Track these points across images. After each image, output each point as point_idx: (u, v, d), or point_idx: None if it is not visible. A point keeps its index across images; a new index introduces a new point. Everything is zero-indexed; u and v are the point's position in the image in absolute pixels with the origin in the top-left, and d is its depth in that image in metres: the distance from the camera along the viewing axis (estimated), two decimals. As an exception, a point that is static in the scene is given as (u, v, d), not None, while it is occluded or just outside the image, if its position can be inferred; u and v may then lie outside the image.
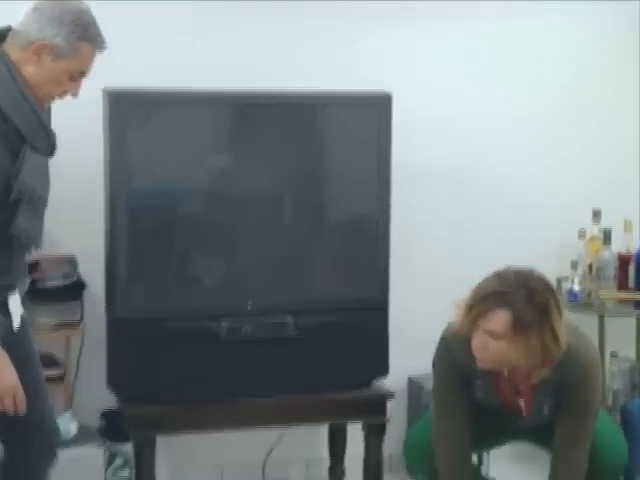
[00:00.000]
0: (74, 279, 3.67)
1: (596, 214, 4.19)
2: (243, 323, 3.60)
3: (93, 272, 3.72)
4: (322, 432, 4.22)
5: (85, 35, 2.50)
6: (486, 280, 2.83)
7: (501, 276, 2.80)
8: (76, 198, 3.74)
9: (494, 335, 2.72)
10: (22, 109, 2.48)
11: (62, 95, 2.63)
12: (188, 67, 3.81)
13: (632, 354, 4.40)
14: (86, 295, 3.73)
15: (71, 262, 3.73)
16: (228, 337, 3.58)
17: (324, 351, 3.68)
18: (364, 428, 3.82)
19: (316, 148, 3.82)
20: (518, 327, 2.67)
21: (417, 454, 3.33)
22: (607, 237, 4.17)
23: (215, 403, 3.61)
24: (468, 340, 2.85)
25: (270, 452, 4.13)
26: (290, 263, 3.73)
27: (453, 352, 3.03)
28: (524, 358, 2.74)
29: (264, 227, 3.69)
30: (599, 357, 3.20)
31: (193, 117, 3.65)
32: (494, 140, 4.36)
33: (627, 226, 4.19)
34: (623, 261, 4.16)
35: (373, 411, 3.80)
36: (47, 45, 2.45)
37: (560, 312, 2.78)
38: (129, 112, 3.49)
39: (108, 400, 3.69)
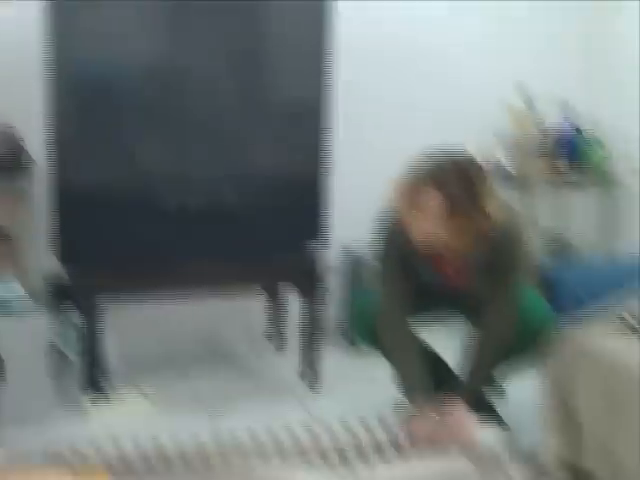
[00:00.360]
0: (15, 149, 3.66)
1: (525, 91, 4.27)
2: (185, 193, 3.63)
3: (36, 144, 3.67)
4: (261, 302, 4.33)
5: None
6: (418, 164, 2.88)
7: (432, 159, 2.87)
8: (16, 72, 3.74)
9: (429, 217, 2.80)
10: None
11: None
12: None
13: (555, 226, 4.53)
14: (30, 165, 3.72)
15: (11, 131, 3.71)
16: (170, 207, 3.60)
17: (264, 221, 3.73)
18: (302, 296, 3.89)
19: (258, 29, 3.76)
20: (451, 207, 2.75)
21: (362, 327, 3.50)
22: (535, 114, 4.28)
23: (160, 271, 3.63)
24: (404, 224, 2.93)
25: (214, 322, 4.25)
26: (231, 138, 3.73)
27: (390, 236, 3.12)
28: (459, 236, 2.82)
29: (207, 104, 3.66)
30: (525, 225, 3.30)
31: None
32: (431, 24, 4.38)
33: (556, 103, 4.29)
34: (549, 137, 4.30)
35: (311, 279, 3.87)
36: None
37: (490, 187, 2.86)
38: None
39: (53, 266, 3.70)
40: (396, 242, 3.08)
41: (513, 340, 3.13)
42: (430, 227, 2.82)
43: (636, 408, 2.71)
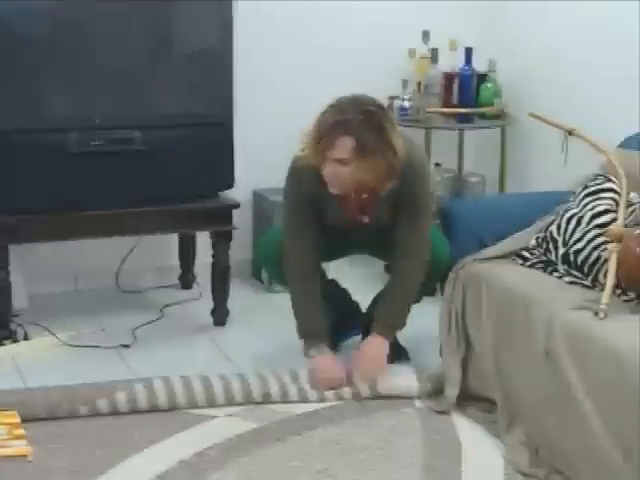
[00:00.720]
0: None
1: (425, 34, 4.28)
2: (92, 137, 3.60)
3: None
4: (172, 241, 4.34)
5: None
6: (326, 112, 2.96)
7: (339, 106, 2.93)
8: None
9: (342, 162, 2.89)
10: None
11: None
12: None
13: (454, 165, 4.60)
14: None
15: None
16: (78, 150, 3.57)
17: (172, 164, 3.72)
18: (212, 236, 3.92)
19: None
20: (362, 150, 2.85)
21: (269, 263, 3.61)
22: (435, 56, 4.29)
23: (67, 214, 3.62)
24: (315, 169, 3.01)
25: (123, 261, 4.22)
26: (138, 81, 3.72)
27: (302, 182, 3.16)
28: (372, 176, 2.93)
29: (114, 47, 3.63)
30: (428, 160, 3.46)
31: None
32: None
33: (452, 45, 4.29)
34: (448, 79, 4.29)
35: (220, 220, 3.90)
36: None
37: (395, 128, 2.98)
38: None
39: None
40: (305, 184, 3.14)
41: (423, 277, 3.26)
42: (344, 171, 2.92)
43: (523, 331, 2.84)
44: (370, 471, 2.70)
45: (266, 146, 4.27)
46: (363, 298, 3.68)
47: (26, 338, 3.65)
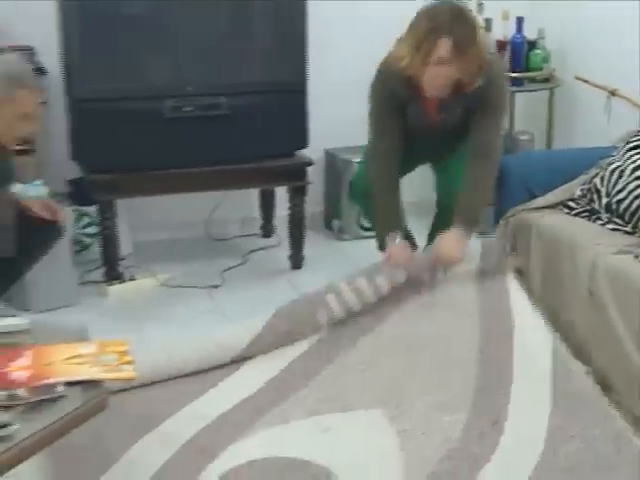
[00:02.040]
0: (35, 66, 3.57)
1: (480, 6, 4.24)
2: (184, 103, 3.67)
3: (51, 60, 3.71)
4: (254, 196, 4.42)
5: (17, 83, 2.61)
6: (418, 20, 2.88)
7: (430, 12, 2.86)
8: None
9: (444, 62, 2.81)
10: None
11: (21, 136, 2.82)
12: None
13: (506, 124, 4.45)
14: (46, 80, 3.71)
15: (31, 52, 3.71)
16: (172, 115, 3.65)
17: (253, 127, 3.76)
18: (289, 191, 4.00)
19: None
20: (460, 47, 2.78)
21: (357, 194, 3.53)
22: (488, 25, 4.26)
23: (164, 172, 3.71)
24: (401, 73, 2.94)
25: (212, 213, 4.29)
26: (224, 53, 3.77)
27: (388, 82, 3.07)
28: (468, 73, 2.87)
29: (201, 22, 3.69)
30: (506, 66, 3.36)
31: None
32: None
33: (504, 15, 4.28)
34: (501, 46, 4.27)
35: (296, 176, 3.97)
36: None
37: (481, 29, 2.99)
38: None
39: (72, 171, 3.82)
40: (391, 87, 3.06)
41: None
42: (445, 71, 2.85)
43: (569, 273, 2.90)
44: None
45: (336, 109, 4.28)
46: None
47: (132, 279, 3.78)
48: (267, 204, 4.39)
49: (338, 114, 4.29)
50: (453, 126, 3.16)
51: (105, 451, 2.46)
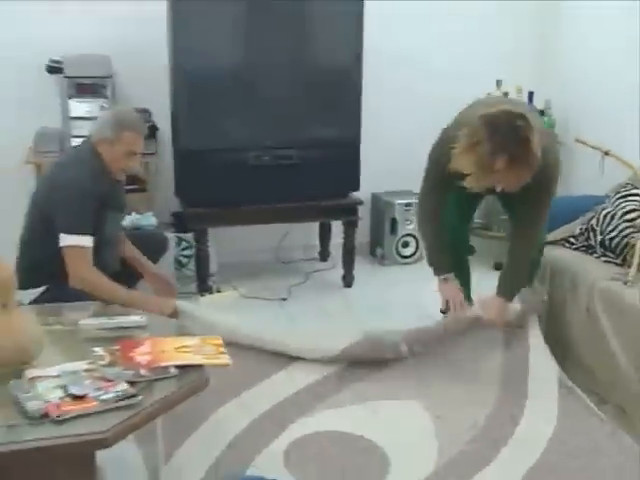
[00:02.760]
0: (149, 124, 3.74)
1: (498, 82, 4.30)
2: (264, 154, 3.78)
3: (162, 120, 3.84)
4: (315, 227, 4.47)
5: (123, 126, 2.72)
6: (478, 133, 2.43)
7: (490, 128, 2.41)
8: (147, 72, 3.83)
9: (501, 172, 2.43)
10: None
11: (127, 170, 2.86)
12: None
13: None
14: (158, 135, 3.87)
15: (147, 113, 3.84)
16: (254, 163, 3.76)
17: (316, 174, 3.85)
18: (343, 224, 4.06)
19: (309, 37, 3.87)
20: (513, 164, 2.41)
21: None
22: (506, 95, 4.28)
23: (245, 207, 3.82)
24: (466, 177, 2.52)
25: (281, 240, 4.39)
26: (294, 115, 3.85)
27: (445, 156, 2.60)
28: (517, 181, 2.50)
29: (277, 92, 3.80)
30: (560, 158, 2.85)
31: (232, 14, 3.71)
32: (436, 28, 4.39)
33: (518, 90, 4.27)
34: None
35: (349, 213, 4.04)
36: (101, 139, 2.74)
37: (536, 133, 2.45)
38: (186, 10, 3.55)
39: (175, 205, 3.91)
40: (447, 159, 2.57)
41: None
42: (495, 178, 2.49)
43: (571, 295, 2.99)
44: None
45: (382, 162, 4.34)
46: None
47: (218, 291, 3.84)
48: (325, 234, 4.45)
49: (383, 165, 4.36)
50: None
51: (199, 411, 2.56)
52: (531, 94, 4.31)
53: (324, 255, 4.48)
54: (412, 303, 3.81)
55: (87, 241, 2.69)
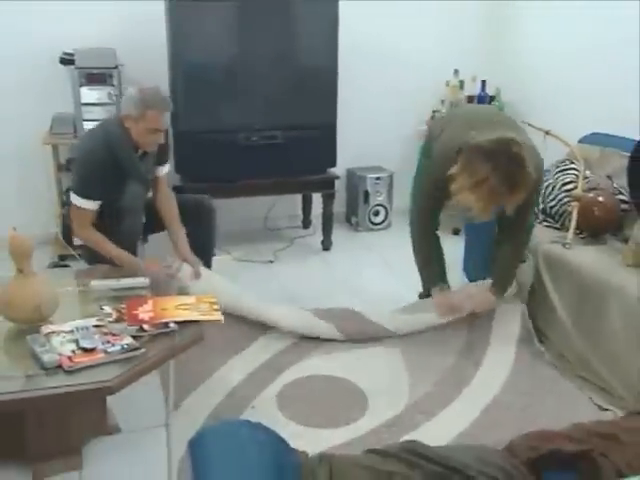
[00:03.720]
0: None
1: (456, 72, 4.25)
2: (252, 135, 3.69)
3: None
4: (298, 199, 4.40)
5: (147, 105, 2.54)
6: (477, 160, 2.20)
7: (487, 155, 2.19)
8: (149, 63, 3.68)
9: (501, 200, 2.24)
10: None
11: (152, 145, 2.66)
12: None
13: None
14: None
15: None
16: (244, 144, 3.68)
17: (299, 152, 3.77)
18: (322, 196, 3.99)
19: (291, 32, 3.74)
20: (515, 188, 2.20)
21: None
22: (461, 85, 4.25)
23: (237, 182, 3.74)
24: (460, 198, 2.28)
25: (268, 210, 4.32)
26: (279, 101, 3.75)
27: (442, 173, 2.33)
28: (515, 201, 2.26)
29: (263, 79, 3.68)
30: (543, 168, 2.56)
31: (223, 11, 3.59)
32: (403, 25, 4.28)
33: (473, 78, 4.24)
34: (470, 100, 4.25)
35: (327, 186, 3.96)
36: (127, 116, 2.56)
37: (528, 153, 2.24)
38: (182, 8, 3.45)
39: (176, 180, 3.75)
40: (442, 180, 2.33)
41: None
42: (495, 208, 2.29)
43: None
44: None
45: (356, 140, 4.27)
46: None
47: (213, 255, 3.64)
48: (306, 205, 4.38)
49: (357, 145, 4.31)
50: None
51: (205, 369, 2.53)
52: (484, 82, 4.25)
53: (306, 223, 4.41)
54: (382, 263, 3.82)
55: (89, 204, 2.60)
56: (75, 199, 2.61)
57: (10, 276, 2.01)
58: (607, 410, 2.33)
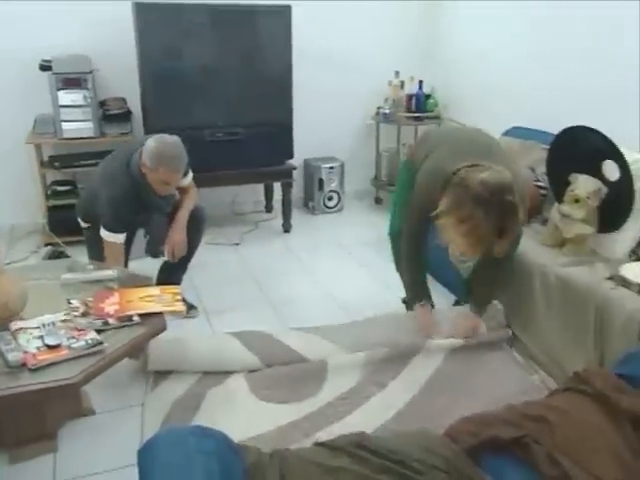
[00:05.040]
0: (125, 109, 3.47)
1: (397, 73, 4.06)
2: (217, 132, 3.48)
3: (135, 105, 3.45)
4: (260, 187, 4.18)
5: (160, 162, 2.29)
6: (476, 207, 1.77)
7: (483, 205, 1.77)
8: (122, 68, 3.44)
9: (491, 243, 1.85)
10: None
11: (163, 193, 2.42)
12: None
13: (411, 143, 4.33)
14: (132, 117, 3.51)
15: (123, 100, 3.50)
16: (210, 139, 3.46)
17: (259, 147, 3.57)
18: (281, 185, 3.78)
19: (250, 38, 3.49)
20: (506, 232, 1.82)
21: (391, 232, 2.53)
22: (402, 85, 4.06)
23: (205, 173, 3.35)
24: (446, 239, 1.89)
25: (234, 197, 4.12)
26: (240, 102, 3.53)
27: (428, 208, 1.93)
28: (506, 246, 1.89)
29: (226, 82, 3.46)
30: (525, 198, 2.10)
31: (187, 19, 3.32)
32: (350, 32, 4.05)
33: (411, 79, 4.05)
34: (409, 97, 4.07)
35: (286, 176, 3.76)
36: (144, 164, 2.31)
37: (519, 197, 1.83)
38: (147, 17, 3.20)
39: None
40: (429, 209, 1.92)
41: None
42: (485, 250, 1.89)
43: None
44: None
45: (311, 135, 4.06)
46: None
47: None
48: (268, 192, 4.17)
49: (312, 139, 4.10)
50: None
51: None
52: (421, 82, 4.05)
53: (268, 208, 4.20)
54: (336, 243, 3.64)
55: (119, 238, 2.38)
56: (106, 235, 2.36)
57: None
58: (534, 375, 2.21)
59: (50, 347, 1.57)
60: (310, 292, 2.96)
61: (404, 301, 2.64)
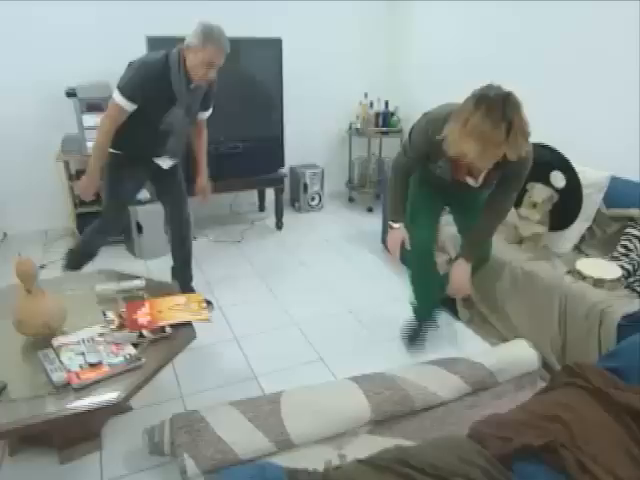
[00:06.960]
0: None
1: (366, 94, 3.82)
2: (219, 146, 3.19)
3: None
4: (254, 193, 3.94)
5: (208, 39, 1.90)
6: (477, 112, 1.46)
7: (486, 104, 1.46)
8: None
9: (499, 144, 1.48)
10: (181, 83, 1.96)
11: (203, 78, 1.98)
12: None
13: (377, 154, 4.12)
14: None
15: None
16: (213, 153, 3.13)
17: (256, 158, 3.32)
18: (274, 190, 3.52)
19: (248, 65, 3.19)
20: (513, 130, 1.45)
21: (407, 261, 2.06)
22: (371, 105, 3.83)
23: (211, 181, 3.14)
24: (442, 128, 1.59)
25: (234, 199, 3.85)
26: (239, 120, 3.24)
27: (430, 132, 1.70)
28: (516, 152, 1.50)
29: (227, 103, 3.12)
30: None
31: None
32: (329, 61, 3.78)
33: (378, 100, 3.83)
34: (377, 115, 3.82)
35: (278, 183, 3.50)
36: (189, 46, 1.92)
37: (523, 111, 1.49)
38: (160, 49, 2.72)
39: None
40: (432, 137, 1.67)
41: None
42: (494, 155, 1.52)
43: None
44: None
45: (297, 147, 3.83)
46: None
47: (194, 238, 3.27)
48: (262, 195, 3.92)
49: (298, 150, 3.85)
50: (485, 189, 1.83)
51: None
52: (387, 102, 3.83)
53: (261, 208, 3.95)
54: (320, 236, 3.43)
55: (127, 104, 1.91)
56: (117, 96, 1.92)
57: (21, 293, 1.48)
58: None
59: (91, 365, 1.33)
60: (309, 284, 2.74)
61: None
